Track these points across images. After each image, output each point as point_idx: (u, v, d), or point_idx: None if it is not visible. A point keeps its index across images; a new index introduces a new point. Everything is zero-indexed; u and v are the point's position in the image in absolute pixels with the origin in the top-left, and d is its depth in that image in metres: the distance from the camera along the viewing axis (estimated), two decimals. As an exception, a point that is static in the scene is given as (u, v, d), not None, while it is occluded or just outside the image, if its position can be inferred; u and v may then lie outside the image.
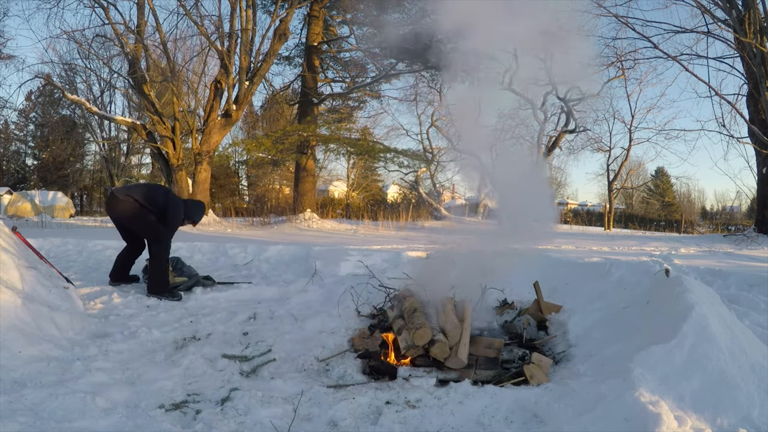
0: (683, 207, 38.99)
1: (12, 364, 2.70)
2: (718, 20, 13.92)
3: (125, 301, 4.50)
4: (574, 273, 4.65)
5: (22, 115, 33.62)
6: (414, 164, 21.79)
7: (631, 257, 7.20)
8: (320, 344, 3.23)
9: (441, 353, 2.86)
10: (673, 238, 15.33)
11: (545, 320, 3.56)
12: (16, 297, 3.20)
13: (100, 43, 16.81)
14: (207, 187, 15.30)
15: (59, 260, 6.36)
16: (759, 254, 9.43)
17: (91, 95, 27.41)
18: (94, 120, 29.53)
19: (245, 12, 14.10)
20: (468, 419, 2.31)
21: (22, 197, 22.09)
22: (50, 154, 30.93)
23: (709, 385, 2.21)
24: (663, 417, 1.95)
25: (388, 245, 8.56)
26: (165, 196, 4.97)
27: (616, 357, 2.64)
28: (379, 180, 39.92)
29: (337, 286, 4.51)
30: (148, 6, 13.76)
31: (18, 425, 2.09)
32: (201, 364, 2.94)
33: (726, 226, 27.45)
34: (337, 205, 26.38)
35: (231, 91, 14.31)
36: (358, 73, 19.72)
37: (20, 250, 4.06)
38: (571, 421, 2.15)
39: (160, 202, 4.88)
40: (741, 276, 5.43)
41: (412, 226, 16.12)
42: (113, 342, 3.34)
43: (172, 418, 2.29)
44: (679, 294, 2.74)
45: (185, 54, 18.21)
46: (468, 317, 3.17)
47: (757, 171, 14.39)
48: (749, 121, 13.81)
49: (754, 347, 2.55)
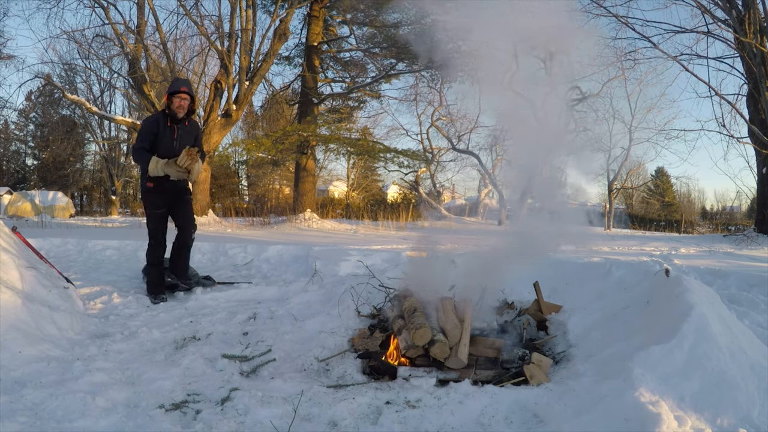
0: (683, 207, 38.98)
1: (12, 364, 2.70)
2: (718, 20, 13.91)
3: (125, 301, 4.50)
4: (574, 273, 4.65)
5: (22, 115, 33.63)
6: (414, 164, 21.80)
7: (631, 257, 7.20)
8: (320, 344, 3.23)
9: (441, 353, 2.86)
10: (673, 238, 15.32)
11: (545, 320, 3.56)
12: (16, 297, 3.20)
13: (100, 43, 16.83)
14: (207, 187, 15.30)
15: (59, 260, 6.36)
16: (759, 254, 9.43)
17: (91, 95, 27.44)
18: (94, 120, 29.55)
19: (245, 12, 14.10)
20: (468, 419, 2.31)
21: (22, 197, 22.09)
22: (50, 154, 30.93)
23: (709, 385, 2.21)
24: (663, 417, 1.95)
25: (388, 245, 8.56)
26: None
27: (616, 357, 2.64)
28: (379, 180, 39.93)
29: (337, 286, 4.51)
30: (148, 6, 13.76)
31: (18, 425, 2.09)
32: (201, 364, 2.94)
33: (726, 226, 27.45)
34: (337, 205, 26.39)
35: (231, 91, 14.31)
36: (358, 73, 19.73)
37: (20, 250, 4.06)
38: (571, 421, 2.15)
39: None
40: (741, 276, 5.43)
41: (412, 226, 16.12)
42: (113, 342, 3.34)
43: (172, 418, 2.29)
44: (679, 294, 2.74)
45: (185, 54, 18.23)
46: (468, 317, 3.17)
47: (757, 171, 14.39)
48: (749, 121, 13.81)
49: (754, 347, 2.55)
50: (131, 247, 7.56)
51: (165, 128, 4.58)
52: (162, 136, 4.56)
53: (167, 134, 4.59)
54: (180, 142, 4.64)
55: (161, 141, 4.56)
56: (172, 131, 4.62)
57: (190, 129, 4.77)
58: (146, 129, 4.54)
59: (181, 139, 4.66)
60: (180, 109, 4.59)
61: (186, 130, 4.71)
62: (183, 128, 4.67)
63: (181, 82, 4.70)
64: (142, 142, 4.51)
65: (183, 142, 4.66)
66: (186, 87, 4.66)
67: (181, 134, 4.66)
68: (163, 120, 4.60)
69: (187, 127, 4.72)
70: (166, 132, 4.58)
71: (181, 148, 4.58)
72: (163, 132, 4.57)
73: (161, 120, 4.60)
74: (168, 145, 4.59)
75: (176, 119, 4.62)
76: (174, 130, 4.62)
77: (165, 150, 4.56)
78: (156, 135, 4.55)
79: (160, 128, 4.55)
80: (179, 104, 4.59)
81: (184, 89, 4.62)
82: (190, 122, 4.76)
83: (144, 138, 4.52)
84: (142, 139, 4.52)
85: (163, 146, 4.57)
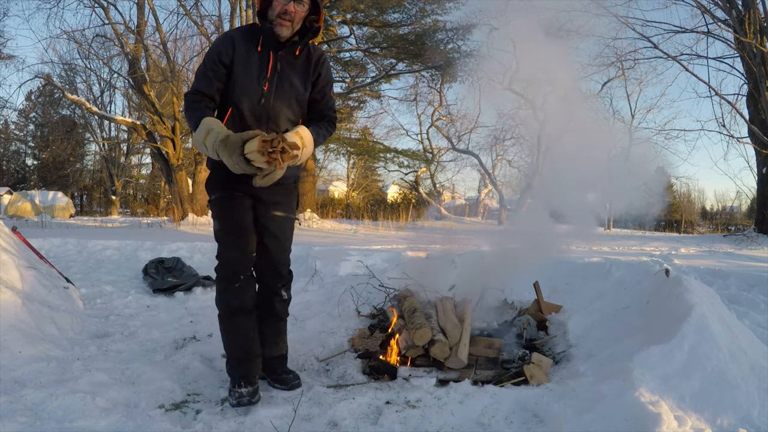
0: (683, 207, 38.94)
1: (12, 364, 2.70)
2: (718, 20, 13.93)
3: (125, 301, 4.50)
4: (574, 273, 4.65)
5: (22, 115, 33.65)
6: (414, 164, 21.85)
7: (631, 257, 7.20)
8: (320, 344, 3.23)
9: (441, 353, 2.86)
10: (673, 238, 15.33)
11: (545, 320, 3.56)
12: (16, 297, 3.20)
13: (100, 43, 16.84)
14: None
15: (59, 260, 6.36)
16: (759, 254, 9.43)
17: (91, 95, 27.47)
18: (94, 120, 29.58)
19: (245, 12, 14.11)
20: (468, 419, 2.31)
21: (22, 197, 22.11)
22: (50, 154, 30.95)
23: (709, 385, 2.21)
24: (663, 417, 1.95)
25: (388, 245, 8.56)
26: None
27: (616, 357, 2.64)
28: (379, 180, 39.95)
29: (337, 286, 4.51)
30: (148, 6, 13.76)
31: (18, 425, 2.09)
32: (201, 364, 2.94)
33: (726, 226, 27.45)
34: (337, 205, 26.40)
35: (231, 91, 14.29)
36: (358, 73, 19.74)
37: (20, 250, 4.06)
38: (571, 421, 2.15)
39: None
40: (741, 276, 5.43)
41: (412, 226, 16.13)
42: (113, 342, 3.34)
43: (171, 418, 2.29)
44: (679, 294, 2.74)
45: (185, 54, 18.21)
46: (468, 317, 3.17)
47: (757, 171, 14.40)
48: (749, 121, 13.82)
49: (754, 347, 2.55)
50: (131, 247, 7.56)
51: (251, 55, 2.28)
52: (243, 71, 2.26)
53: (252, 69, 2.27)
54: (277, 91, 2.29)
55: (240, 82, 2.27)
56: (264, 63, 2.28)
57: (305, 67, 2.36)
58: (212, 55, 2.27)
59: (280, 85, 2.30)
60: (285, 20, 2.21)
61: (295, 68, 2.34)
62: (289, 61, 2.32)
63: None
64: (200, 83, 2.26)
65: (283, 92, 2.31)
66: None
67: (282, 76, 2.30)
68: (248, 39, 2.29)
69: (299, 60, 2.34)
70: (251, 62, 2.27)
71: (275, 104, 2.29)
72: (244, 62, 2.26)
73: (245, 38, 2.29)
74: (252, 92, 2.27)
75: (276, 41, 2.26)
76: (269, 60, 2.28)
77: (246, 100, 2.27)
78: (228, 68, 2.26)
79: (237, 54, 2.26)
80: (286, 8, 2.19)
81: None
82: (306, 52, 2.37)
83: (205, 74, 2.26)
84: (202, 77, 2.27)
85: (242, 93, 2.27)
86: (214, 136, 2.01)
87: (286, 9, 2.18)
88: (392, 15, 18.14)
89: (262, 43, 2.28)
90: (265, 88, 2.27)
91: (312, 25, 2.33)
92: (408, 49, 17.49)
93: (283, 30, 2.22)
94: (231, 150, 1.98)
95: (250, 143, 1.97)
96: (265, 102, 2.27)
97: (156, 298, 4.74)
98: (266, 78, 2.27)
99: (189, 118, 2.18)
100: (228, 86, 2.28)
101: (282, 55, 2.30)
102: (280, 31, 2.22)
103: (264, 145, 1.95)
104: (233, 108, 2.27)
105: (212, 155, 2.07)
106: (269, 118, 2.29)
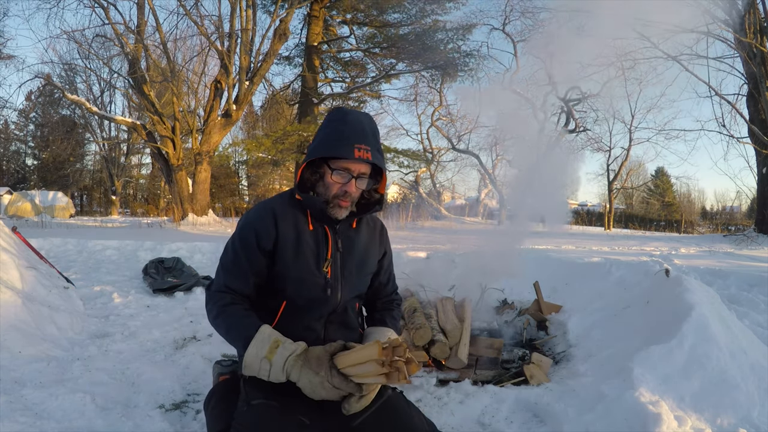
0: (683, 207, 38.95)
1: (12, 364, 2.70)
2: (718, 20, 13.92)
3: (125, 301, 4.49)
4: (574, 273, 4.65)
5: (22, 115, 33.65)
6: (414, 164, 21.83)
7: (631, 257, 7.20)
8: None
9: (441, 353, 2.86)
10: (673, 238, 15.34)
11: (545, 320, 3.56)
12: (16, 297, 3.20)
13: (100, 43, 16.84)
14: (207, 187, 15.31)
15: (59, 260, 6.36)
16: (759, 254, 9.43)
17: (91, 95, 27.48)
18: (94, 120, 29.59)
19: (245, 12, 14.11)
20: (468, 419, 2.31)
21: (22, 197, 22.11)
22: (50, 154, 30.96)
23: (709, 385, 2.21)
24: (663, 417, 1.95)
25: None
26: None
27: (616, 357, 2.64)
28: (379, 180, 39.88)
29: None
30: (148, 6, 13.77)
31: (18, 425, 2.08)
32: (201, 364, 2.94)
33: (726, 226, 27.45)
34: (337, 205, 26.36)
35: (231, 91, 14.32)
36: (358, 73, 19.76)
37: (20, 250, 4.06)
38: (571, 421, 2.15)
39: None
40: (741, 276, 5.43)
41: (412, 226, 16.12)
42: (113, 342, 3.34)
43: (171, 418, 2.29)
44: (679, 294, 2.74)
45: (185, 54, 18.24)
46: (468, 317, 3.17)
47: (757, 171, 14.41)
48: (749, 121, 13.83)
49: (754, 347, 2.55)
50: (131, 247, 7.57)
51: (301, 233, 1.70)
52: (293, 256, 1.67)
53: (307, 252, 1.69)
54: (343, 277, 1.74)
55: (292, 270, 1.67)
56: (321, 242, 1.72)
57: (368, 241, 1.84)
58: (247, 238, 1.67)
59: (344, 269, 1.75)
60: (345, 201, 1.67)
61: (357, 244, 1.79)
62: (349, 236, 1.78)
63: (352, 128, 1.62)
64: (231, 279, 1.68)
65: (351, 277, 1.76)
66: (364, 142, 1.61)
67: (346, 257, 1.76)
68: (293, 214, 1.71)
69: (359, 233, 1.81)
70: (302, 243, 1.69)
71: (343, 293, 1.74)
72: (294, 245, 1.68)
73: (290, 212, 1.71)
74: (311, 283, 1.69)
75: (329, 219, 1.70)
76: (327, 238, 1.73)
77: (304, 292, 1.69)
78: (271, 255, 1.67)
79: (281, 235, 1.67)
80: (346, 190, 1.66)
81: (362, 146, 1.61)
82: (364, 223, 1.84)
83: (238, 265, 1.67)
84: (233, 268, 1.68)
85: (298, 284, 1.68)
86: (290, 349, 1.48)
87: (347, 190, 1.65)
88: (392, 15, 18.16)
89: (311, 217, 1.71)
90: (328, 275, 1.70)
91: (372, 195, 1.79)
92: (408, 49, 17.50)
93: (341, 213, 1.68)
94: (318, 365, 1.46)
95: (361, 351, 1.45)
96: (332, 293, 1.70)
97: (156, 298, 4.73)
98: (327, 260, 1.70)
99: (226, 328, 1.60)
100: (270, 276, 1.69)
101: (341, 230, 1.75)
102: (338, 214, 1.68)
103: (386, 353, 1.40)
104: (288, 303, 1.68)
105: (276, 376, 1.47)
106: (336, 312, 1.73)
